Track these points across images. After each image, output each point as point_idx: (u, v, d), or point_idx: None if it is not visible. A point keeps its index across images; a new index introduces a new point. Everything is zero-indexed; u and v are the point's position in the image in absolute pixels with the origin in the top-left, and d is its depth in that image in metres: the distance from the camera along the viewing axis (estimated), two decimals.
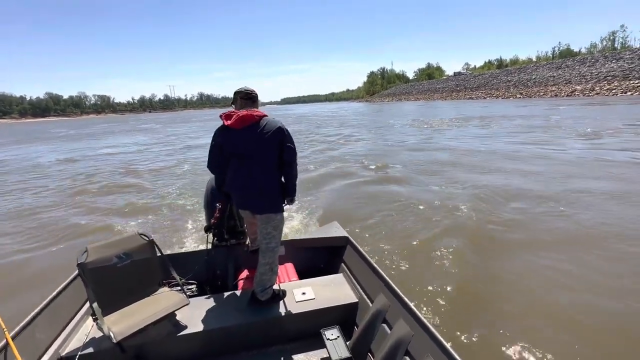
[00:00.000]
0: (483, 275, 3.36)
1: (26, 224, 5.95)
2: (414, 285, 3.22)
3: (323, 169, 9.30)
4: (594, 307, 2.80)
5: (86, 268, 1.89)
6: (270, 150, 2.08)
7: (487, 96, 59.72)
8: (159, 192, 7.64)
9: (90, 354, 1.79)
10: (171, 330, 1.96)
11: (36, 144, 24.02)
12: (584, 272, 3.30)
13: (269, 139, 2.05)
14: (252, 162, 2.09)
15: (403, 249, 4.00)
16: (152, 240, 2.18)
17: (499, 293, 3.07)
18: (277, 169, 2.15)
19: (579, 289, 3.05)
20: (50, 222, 5.94)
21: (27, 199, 7.80)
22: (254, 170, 2.10)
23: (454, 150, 10.94)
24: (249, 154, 2.08)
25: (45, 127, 52.59)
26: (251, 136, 2.06)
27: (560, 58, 69.90)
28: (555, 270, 3.36)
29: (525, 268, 3.45)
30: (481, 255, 3.76)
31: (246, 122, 2.05)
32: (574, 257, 3.59)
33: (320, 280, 2.46)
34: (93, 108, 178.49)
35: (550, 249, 3.80)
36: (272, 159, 2.11)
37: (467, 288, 3.14)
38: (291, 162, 2.14)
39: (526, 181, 6.51)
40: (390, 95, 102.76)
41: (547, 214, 4.78)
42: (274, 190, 2.15)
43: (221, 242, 2.82)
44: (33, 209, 6.84)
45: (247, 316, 2.10)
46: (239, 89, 2.19)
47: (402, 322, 1.71)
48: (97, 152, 16.41)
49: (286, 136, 2.10)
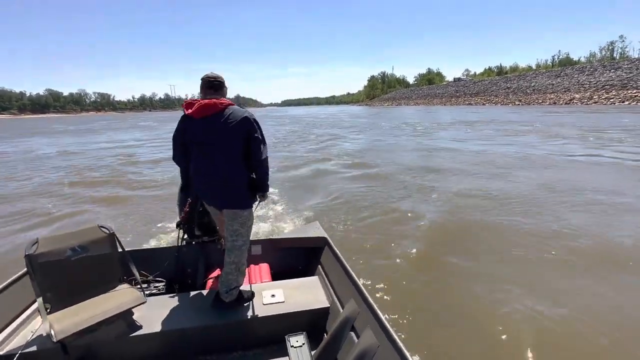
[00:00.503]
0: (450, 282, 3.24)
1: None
2: (387, 287, 3.11)
3: (302, 163, 10.21)
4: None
5: (35, 260, 1.76)
6: (234, 140, 1.91)
7: (486, 102, 59.91)
8: (143, 185, 7.72)
9: (32, 352, 1.66)
10: (124, 331, 1.83)
11: (36, 137, 24.28)
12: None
13: (233, 128, 1.88)
14: (214, 152, 1.93)
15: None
16: (112, 233, 2.05)
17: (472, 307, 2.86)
18: (243, 161, 1.97)
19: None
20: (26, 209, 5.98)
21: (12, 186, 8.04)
22: (216, 160, 1.93)
23: (431, 149, 11.96)
24: (210, 143, 1.92)
25: (46, 123, 52.65)
26: (213, 126, 1.89)
27: (560, 66, 70.33)
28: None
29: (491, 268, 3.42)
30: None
31: (208, 111, 1.89)
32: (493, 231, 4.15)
33: (293, 283, 2.32)
34: (93, 105, 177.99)
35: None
36: (237, 150, 1.93)
37: (438, 296, 3.01)
38: (259, 154, 1.96)
39: (478, 175, 7.57)
40: (390, 100, 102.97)
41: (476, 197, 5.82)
42: (239, 183, 1.97)
43: (192, 239, 2.69)
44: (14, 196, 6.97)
45: (209, 318, 1.96)
46: (203, 75, 2.01)
47: (369, 331, 1.60)
48: (92, 147, 16.49)
49: (253, 126, 1.93)
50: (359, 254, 3.78)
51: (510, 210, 4.99)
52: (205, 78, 1.99)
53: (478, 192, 6.04)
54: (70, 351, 1.65)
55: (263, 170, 2.03)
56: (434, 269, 3.44)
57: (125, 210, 5.78)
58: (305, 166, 9.71)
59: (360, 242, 4.16)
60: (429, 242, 4.02)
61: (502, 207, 5.18)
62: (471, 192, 6.10)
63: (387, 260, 3.63)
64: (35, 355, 1.66)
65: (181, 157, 2.09)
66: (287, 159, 11.09)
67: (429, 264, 3.55)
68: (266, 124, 32.57)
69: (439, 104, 71.97)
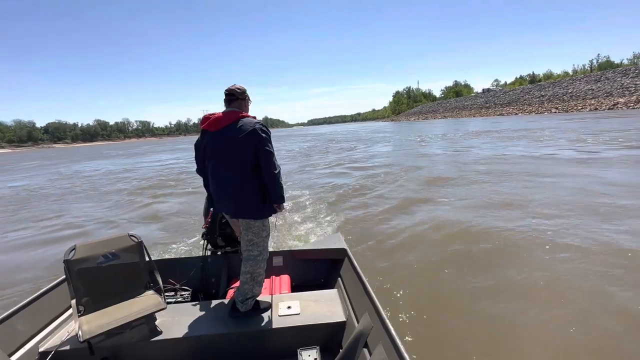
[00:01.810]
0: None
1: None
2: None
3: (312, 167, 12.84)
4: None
5: (72, 266, 1.93)
6: (243, 152, 1.94)
7: (519, 112, 57.37)
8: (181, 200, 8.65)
9: (65, 351, 1.79)
10: (146, 335, 1.91)
11: (93, 160, 29.26)
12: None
13: (241, 139, 1.92)
14: (226, 163, 1.98)
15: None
16: (140, 242, 2.19)
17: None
18: (254, 172, 1.98)
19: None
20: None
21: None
22: (226, 172, 1.99)
23: (436, 156, 13.06)
24: (221, 155, 1.98)
25: (97, 150, 59.81)
26: (224, 137, 1.96)
27: (599, 70, 66.19)
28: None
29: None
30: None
31: (220, 123, 1.97)
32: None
33: (311, 295, 2.30)
34: (135, 133, 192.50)
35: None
36: (247, 161, 1.95)
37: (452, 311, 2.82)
38: (270, 167, 1.96)
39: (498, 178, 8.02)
40: (417, 114, 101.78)
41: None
42: (250, 194, 1.99)
43: (216, 249, 2.80)
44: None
45: (225, 327, 2.00)
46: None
47: (380, 348, 1.56)
48: (144, 165, 20.53)
49: (262, 139, 1.93)
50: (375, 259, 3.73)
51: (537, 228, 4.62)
52: (225, 91, 2.08)
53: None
54: (96, 352, 1.75)
55: (275, 183, 2.01)
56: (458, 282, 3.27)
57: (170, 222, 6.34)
58: (314, 168, 12.69)
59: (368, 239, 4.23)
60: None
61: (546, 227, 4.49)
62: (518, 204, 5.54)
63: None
64: (67, 354, 1.79)
65: (203, 169, 2.19)
66: (303, 163, 13.88)
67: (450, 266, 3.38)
68: (290, 140, 40.08)
69: (468, 116, 69.97)
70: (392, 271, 3.59)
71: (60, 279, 2.25)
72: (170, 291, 2.53)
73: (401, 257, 3.94)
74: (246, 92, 2.12)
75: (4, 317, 1.80)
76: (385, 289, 3.20)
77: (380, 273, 3.54)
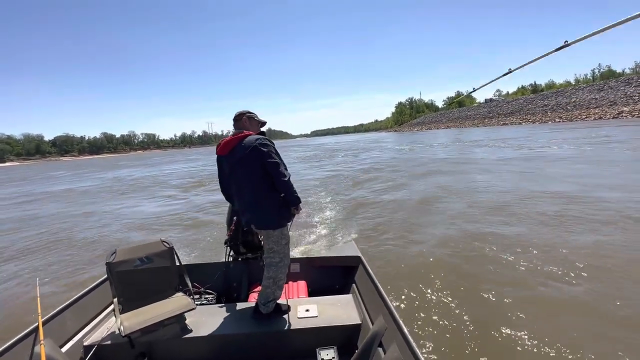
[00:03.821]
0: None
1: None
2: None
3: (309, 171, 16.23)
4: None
5: (112, 268, 2.10)
6: (252, 168, 2.11)
7: (523, 121, 57.53)
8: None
9: (107, 345, 1.94)
10: (177, 333, 2.06)
11: (120, 169, 32.08)
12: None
13: (247, 157, 2.10)
14: (240, 182, 2.18)
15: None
16: (171, 247, 2.35)
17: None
18: (267, 185, 2.13)
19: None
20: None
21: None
22: (243, 187, 2.18)
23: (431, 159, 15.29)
24: (236, 174, 2.18)
25: (108, 161, 62.87)
26: (233, 159, 2.16)
27: (601, 79, 66.49)
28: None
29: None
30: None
31: (228, 146, 2.18)
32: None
33: (327, 299, 2.43)
34: (140, 145, 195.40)
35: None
36: (257, 176, 2.11)
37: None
38: (279, 177, 2.10)
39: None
40: (420, 124, 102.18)
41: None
42: (267, 206, 2.14)
43: (238, 256, 2.94)
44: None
45: (249, 327, 2.13)
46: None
47: (394, 347, 1.66)
48: (165, 172, 23.40)
49: (264, 153, 2.08)
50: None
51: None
52: (235, 115, 2.32)
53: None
54: (135, 346, 1.91)
55: (288, 190, 2.15)
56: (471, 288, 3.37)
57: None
58: (312, 171, 16.06)
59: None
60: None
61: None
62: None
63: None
64: (109, 347, 1.95)
65: (224, 187, 2.40)
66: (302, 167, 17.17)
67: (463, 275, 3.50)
68: (293, 149, 45.46)
69: (471, 126, 70.24)
70: (393, 268, 3.73)
71: (101, 279, 2.44)
72: (195, 294, 2.67)
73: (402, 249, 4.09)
74: (245, 114, 2.30)
75: (55, 313, 1.97)
76: (396, 293, 3.32)
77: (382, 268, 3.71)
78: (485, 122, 69.25)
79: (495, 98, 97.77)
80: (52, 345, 1.75)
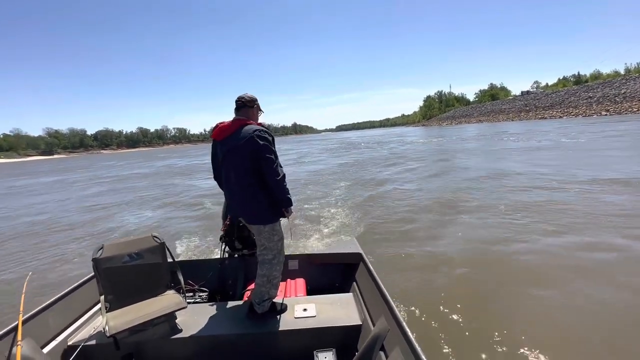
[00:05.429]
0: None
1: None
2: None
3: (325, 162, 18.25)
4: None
5: (99, 264, 2.03)
6: (243, 159, 1.96)
7: (564, 115, 53.57)
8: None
9: (92, 346, 1.88)
10: (167, 332, 1.97)
11: (164, 160, 35.20)
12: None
13: (241, 147, 1.95)
14: (231, 172, 2.03)
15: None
16: (163, 243, 2.27)
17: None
18: (258, 179, 1.98)
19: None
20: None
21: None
22: (233, 180, 2.03)
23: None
24: (227, 163, 2.04)
25: (147, 154, 67.11)
26: (228, 146, 2.01)
27: None
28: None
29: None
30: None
31: (225, 132, 2.03)
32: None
33: (326, 298, 2.30)
34: (172, 139, 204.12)
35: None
36: (248, 169, 1.96)
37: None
38: (271, 174, 1.95)
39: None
40: (449, 119, 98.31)
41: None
42: (256, 201, 2.00)
43: (234, 252, 2.84)
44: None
45: (242, 327, 2.03)
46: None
47: (397, 351, 1.51)
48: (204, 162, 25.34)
49: (260, 146, 1.92)
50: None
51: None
52: (235, 100, 2.12)
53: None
54: (121, 347, 1.82)
55: (280, 189, 1.98)
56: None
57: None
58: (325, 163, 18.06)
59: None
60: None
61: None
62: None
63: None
64: (94, 348, 1.88)
65: (217, 176, 2.26)
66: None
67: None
68: (316, 142, 48.23)
69: (505, 120, 66.54)
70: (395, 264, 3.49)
71: (88, 276, 2.38)
72: (188, 292, 2.60)
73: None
74: (256, 101, 2.14)
75: (38, 311, 1.92)
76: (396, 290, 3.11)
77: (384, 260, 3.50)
78: (521, 116, 65.22)
79: (533, 90, 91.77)
80: (32, 345, 1.70)
